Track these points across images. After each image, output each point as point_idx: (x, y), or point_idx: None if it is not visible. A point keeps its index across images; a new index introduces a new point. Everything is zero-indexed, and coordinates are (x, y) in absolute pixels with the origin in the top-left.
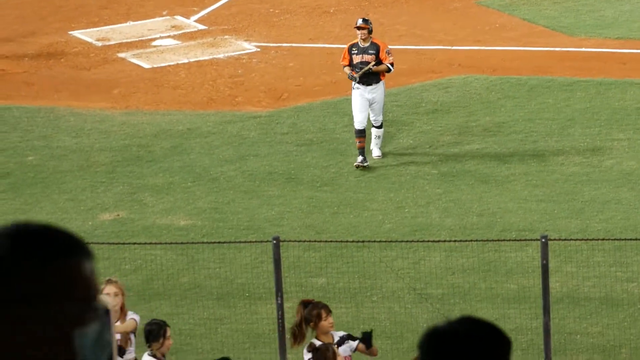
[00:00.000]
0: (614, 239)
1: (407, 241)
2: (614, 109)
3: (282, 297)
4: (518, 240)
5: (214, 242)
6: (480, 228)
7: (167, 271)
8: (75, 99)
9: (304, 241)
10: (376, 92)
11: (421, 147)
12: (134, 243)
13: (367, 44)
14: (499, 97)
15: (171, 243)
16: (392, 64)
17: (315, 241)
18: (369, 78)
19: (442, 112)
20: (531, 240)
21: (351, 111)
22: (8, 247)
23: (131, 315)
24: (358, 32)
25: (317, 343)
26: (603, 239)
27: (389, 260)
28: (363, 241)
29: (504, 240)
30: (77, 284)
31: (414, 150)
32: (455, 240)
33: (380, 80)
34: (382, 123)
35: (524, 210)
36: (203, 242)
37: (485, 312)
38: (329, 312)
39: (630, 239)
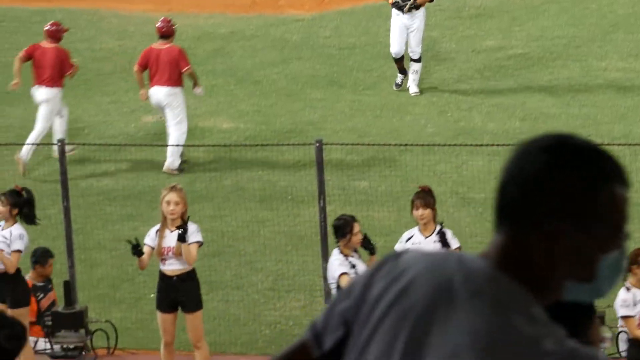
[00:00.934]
0: None
1: (449, 145)
2: None
3: (324, 200)
4: None
5: (257, 145)
6: (523, 132)
7: (209, 173)
8: (118, 1)
9: (347, 144)
10: (416, 19)
11: (464, 52)
12: (177, 145)
13: None
14: (542, 2)
15: (214, 145)
16: None
17: (357, 144)
18: (405, 3)
19: (485, 16)
20: None
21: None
22: (544, 161)
23: (195, 237)
24: None
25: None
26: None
27: (432, 164)
28: (405, 144)
29: None
30: (615, 211)
31: (456, 54)
32: (498, 145)
33: (421, 6)
34: (420, 56)
35: (566, 115)
36: (246, 145)
37: None
38: (423, 204)
39: None
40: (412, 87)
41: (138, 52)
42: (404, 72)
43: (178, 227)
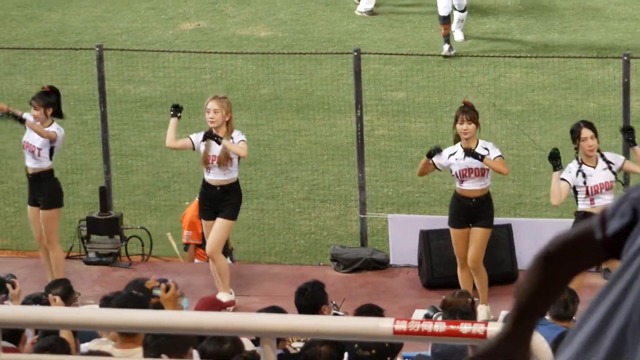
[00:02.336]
0: None
1: (487, 56)
2: None
3: (361, 109)
4: (600, 58)
5: (295, 53)
6: (562, 45)
7: (246, 82)
8: None
9: (385, 54)
10: None
11: None
12: (215, 52)
13: None
14: None
15: (252, 53)
16: None
17: (396, 54)
18: None
19: None
20: (613, 57)
21: None
22: None
23: (239, 137)
24: None
25: None
26: None
27: (469, 75)
28: (444, 55)
29: (585, 57)
30: None
31: None
32: (536, 56)
33: None
34: (466, 6)
35: (606, 28)
36: (283, 53)
37: (564, 130)
38: (468, 119)
39: None
40: (458, 33)
41: None
42: (448, 40)
43: (210, 136)
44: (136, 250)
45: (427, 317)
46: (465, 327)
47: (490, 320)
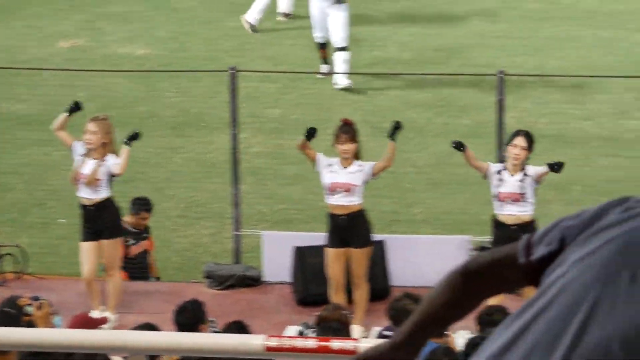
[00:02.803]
0: (570, 76)
1: (364, 73)
2: None
3: (237, 127)
4: (475, 75)
5: (172, 71)
6: (438, 63)
7: (124, 99)
8: None
9: (261, 71)
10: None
11: None
12: (92, 70)
13: None
14: None
15: (129, 71)
16: None
17: (271, 72)
18: None
19: None
20: (487, 75)
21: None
22: None
23: (112, 160)
24: None
25: None
26: (559, 75)
27: (345, 93)
28: (316, 72)
29: (460, 74)
30: None
31: None
32: (412, 74)
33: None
34: (346, 43)
35: (481, 46)
36: (161, 71)
37: (440, 147)
38: (347, 139)
39: (586, 76)
40: (341, 78)
41: None
42: (326, 61)
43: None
44: (10, 267)
45: (300, 333)
46: (336, 344)
47: (363, 337)
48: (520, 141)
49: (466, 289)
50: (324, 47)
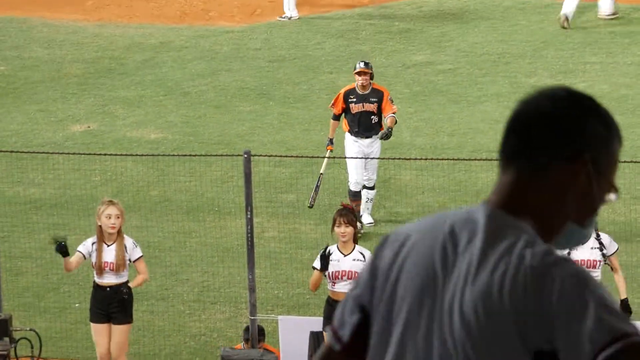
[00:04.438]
0: None
1: (377, 158)
2: (587, 32)
3: (251, 212)
4: (489, 160)
5: (185, 155)
6: (451, 148)
7: (137, 184)
8: (48, 10)
9: (275, 156)
10: (374, 145)
11: (393, 66)
12: (105, 154)
13: (367, 91)
14: (472, 18)
15: (142, 155)
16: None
17: (286, 156)
18: (368, 129)
19: (415, 31)
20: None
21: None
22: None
23: (135, 253)
24: (359, 77)
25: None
26: None
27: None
28: (334, 157)
29: (474, 159)
30: (615, 164)
31: (385, 69)
32: (425, 159)
33: (380, 131)
34: (375, 183)
35: (494, 131)
36: (173, 155)
37: None
38: (345, 222)
39: None
40: (365, 216)
41: (67, 62)
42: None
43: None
44: (26, 352)
45: None
46: None
47: None
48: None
49: None
50: (358, 197)
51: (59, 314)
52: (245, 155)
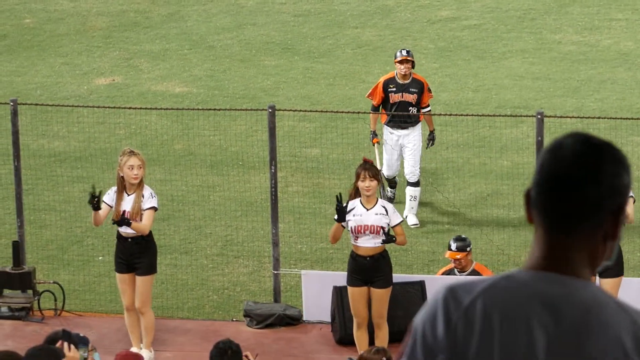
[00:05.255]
0: (609, 118)
1: (402, 114)
2: None
3: (275, 166)
4: (513, 116)
5: (209, 109)
6: (476, 104)
7: (161, 137)
8: None
9: (299, 110)
10: (411, 136)
11: (419, 22)
12: (129, 107)
13: (407, 80)
14: None
15: (166, 109)
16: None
17: (310, 111)
18: (403, 121)
19: None
20: (526, 116)
21: None
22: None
23: (149, 202)
24: (400, 66)
25: None
26: (598, 117)
27: (382, 133)
28: (358, 112)
29: (499, 115)
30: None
31: (411, 24)
32: (450, 114)
33: (419, 121)
34: (419, 179)
35: (519, 87)
36: (198, 109)
37: (477, 188)
38: (370, 176)
39: (625, 118)
40: (411, 217)
41: (92, 15)
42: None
43: (122, 222)
44: (49, 304)
45: None
46: None
47: None
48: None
49: None
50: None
51: (83, 267)
52: (270, 110)
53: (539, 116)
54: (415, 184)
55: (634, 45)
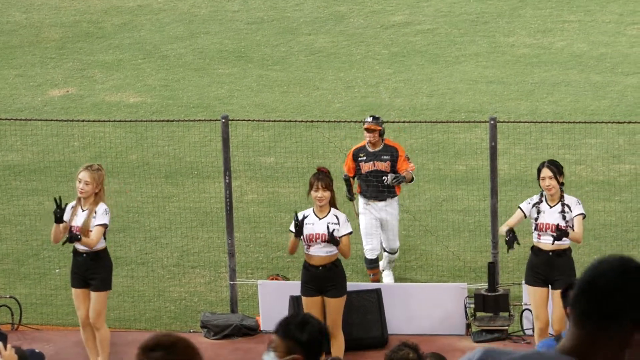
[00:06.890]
0: (563, 122)
1: (356, 121)
2: None
3: (230, 176)
4: (467, 122)
5: (164, 120)
6: (430, 108)
7: (116, 148)
8: None
9: (253, 120)
10: (389, 209)
11: (372, 27)
12: (84, 120)
13: (378, 148)
14: None
15: (120, 120)
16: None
17: (264, 120)
18: (379, 192)
19: None
20: (480, 122)
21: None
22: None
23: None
24: (367, 134)
25: None
26: (552, 122)
27: (338, 140)
28: (312, 121)
29: (453, 121)
30: None
31: (364, 30)
32: (404, 121)
33: (396, 194)
34: (397, 248)
35: (473, 91)
36: (152, 120)
37: (433, 193)
38: (323, 186)
39: (579, 122)
40: (386, 275)
41: (45, 26)
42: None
43: (72, 239)
44: (6, 319)
45: None
46: None
47: None
48: (546, 172)
49: None
50: (374, 265)
51: (40, 280)
52: (223, 120)
53: (492, 121)
54: (393, 252)
55: (587, 47)
